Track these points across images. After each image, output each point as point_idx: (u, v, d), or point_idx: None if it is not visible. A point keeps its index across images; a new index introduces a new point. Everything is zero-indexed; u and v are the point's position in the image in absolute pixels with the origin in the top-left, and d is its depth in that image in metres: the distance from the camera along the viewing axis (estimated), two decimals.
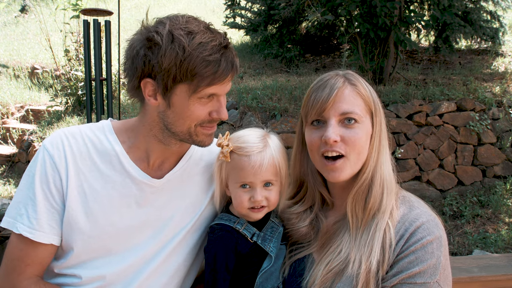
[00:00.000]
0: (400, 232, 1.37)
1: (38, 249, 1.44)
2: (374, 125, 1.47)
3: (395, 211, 1.42)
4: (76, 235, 1.45)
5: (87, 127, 1.55)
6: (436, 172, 6.37)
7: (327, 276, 1.39)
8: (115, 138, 1.52)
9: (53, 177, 1.44)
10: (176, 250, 1.58)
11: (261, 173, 1.49)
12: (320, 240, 1.51)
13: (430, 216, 1.40)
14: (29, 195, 1.43)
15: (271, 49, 9.30)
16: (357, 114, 1.42)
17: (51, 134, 1.53)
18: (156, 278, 1.55)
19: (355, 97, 1.44)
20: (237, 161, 1.50)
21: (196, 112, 1.41)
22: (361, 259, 1.35)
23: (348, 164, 1.43)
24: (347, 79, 1.47)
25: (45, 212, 1.43)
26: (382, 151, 1.48)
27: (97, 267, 1.48)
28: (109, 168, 1.49)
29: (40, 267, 1.46)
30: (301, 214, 1.58)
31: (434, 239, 1.34)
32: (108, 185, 1.48)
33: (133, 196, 1.50)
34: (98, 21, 3.76)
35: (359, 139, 1.42)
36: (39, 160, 1.46)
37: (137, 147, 1.53)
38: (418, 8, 8.30)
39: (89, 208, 1.45)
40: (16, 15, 15.68)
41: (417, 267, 1.31)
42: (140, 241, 1.52)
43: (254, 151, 1.49)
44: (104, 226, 1.47)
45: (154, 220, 1.54)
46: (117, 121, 1.61)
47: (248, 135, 1.55)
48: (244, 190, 1.51)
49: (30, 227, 1.41)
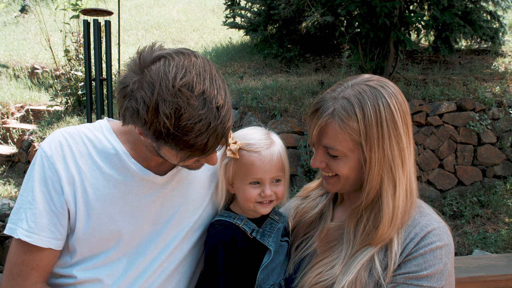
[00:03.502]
0: (410, 235, 1.37)
1: (41, 253, 1.42)
2: (369, 154, 1.36)
3: (405, 220, 1.41)
4: (79, 235, 1.45)
5: (84, 127, 1.53)
6: (436, 172, 6.37)
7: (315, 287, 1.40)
8: (114, 137, 1.50)
9: (52, 180, 1.42)
10: (177, 249, 1.58)
11: (271, 169, 1.51)
12: (322, 242, 1.51)
13: (441, 223, 1.41)
14: (29, 199, 1.41)
15: (271, 49, 9.30)
16: (337, 150, 1.39)
17: (48, 136, 1.51)
18: (157, 276, 1.55)
19: (338, 133, 1.37)
20: (246, 157, 1.51)
21: (185, 164, 1.42)
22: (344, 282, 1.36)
23: (338, 182, 1.46)
24: (335, 110, 1.37)
25: (45, 216, 1.41)
26: (390, 178, 1.37)
27: (99, 266, 1.48)
28: (110, 167, 1.47)
29: (45, 272, 1.45)
30: (318, 200, 1.64)
31: (444, 245, 1.35)
32: (110, 183, 1.47)
33: (135, 193, 1.49)
34: (98, 21, 3.76)
35: (341, 170, 1.41)
36: (37, 163, 1.43)
37: (138, 146, 1.51)
38: (418, 8, 8.31)
39: (92, 207, 1.44)
40: (16, 15, 15.67)
41: (425, 270, 1.32)
42: (143, 239, 1.53)
43: (262, 147, 1.51)
44: (107, 224, 1.46)
45: (156, 218, 1.54)
46: (114, 120, 1.60)
47: (253, 133, 1.57)
48: (253, 187, 1.53)
49: (28, 231, 1.39)
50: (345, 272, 1.37)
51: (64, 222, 1.44)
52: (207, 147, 1.28)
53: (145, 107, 1.23)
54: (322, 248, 1.50)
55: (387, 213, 1.36)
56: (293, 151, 6.12)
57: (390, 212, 1.37)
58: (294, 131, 6.26)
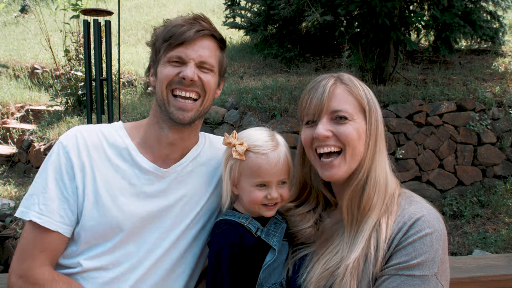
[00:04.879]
0: (399, 225, 1.37)
1: (50, 236, 1.50)
2: (368, 124, 1.47)
3: (394, 208, 1.42)
4: (86, 222, 1.52)
5: (100, 125, 1.69)
6: (436, 172, 6.37)
7: (323, 275, 1.40)
8: (125, 133, 1.66)
9: (66, 166, 1.53)
10: (180, 239, 1.63)
11: (278, 172, 1.51)
12: (321, 239, 1.52)
13: (431, 210, 1.40)
14: (43, 185, 1.52)
15: (271, 49, 9.30)
16: (347, 112, 1.43)
17: (67, 131, 1.69)
18: (160, 266, 1.59)
19: (346, 96, 1.46)
20: (253, 160, 1.51)
21: (165, 72, 1.57)
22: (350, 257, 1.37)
23: (342, 161, 1.44)
24: (339, 79, 1.49)
25: (56, 200, 1.51)
26: (378, 151, 1.47)
27: (104, 254, 1.53)
28: (120, 159, 1.60)
29: (53, 255, 1.52)
30: (304, 215, 1.60)
31: (433, 232, 1.34)
32: (118, 174, 1.58)
33: (141, 185, 1.59)
34: (98, 21, 3.76)
35: (350, 134, 1.42)
36: (54, 152, 1.56)
37: (145, 141, 1.66)
38: (418, 8, 8.30)
39: (100, 195, 1.53)
40: (16, 15, 15.68)
41: (415, 259, 1.31)
42: (147, 228, 1.58)
43: (269, 149, 1.51)
44: (113, 213, 1.53)
45: (160, 209, 1.61)
46: (128, 123, 1.74)
47: (258, 134, 1.56)
48: (260, 189, 1.53)
49: (39, 213, 1.49)
50: (351, 251, 1.38)
51: (74, 207, 1.53)
52: (183, 29, 1.54)
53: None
54: (322, 244, 1.50)
55: (374, 179, 1.44)
56: (293, 151, 6.08)
57: (375, 179, 1.44)
58: (294, 131, 6.26)
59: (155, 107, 1.65)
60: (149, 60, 1.69)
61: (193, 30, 1.55)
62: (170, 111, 1.58)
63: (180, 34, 1.54)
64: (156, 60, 1.62)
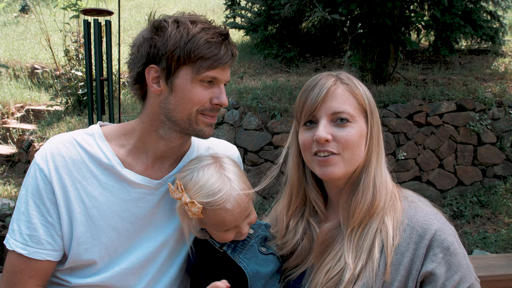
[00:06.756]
0: (413, 237, 1.32)
1: (38, 264, 1.41)
2: (370, 125, 1.42)
3: (397, 207, 1.39)
4: (77, 243, 1.43)
5: (76, 133, 1.50)
6: (436, 172, 6.37)
7: (328, 285, 1.34)
8: (106, 145, 1.48)
9: (46, 191, 1.40)
10: (173, 254, 1.57)
11: (241, 214, 1.44)
12: (318, 249, 1.46)
13: (440, 218, 1.37)
14: (22, 211, 1.41)
15: (271, 49, 9.30)
16: (348, 113, 1.38)
17: (41, 147, 1.49)
18: (156, 282, 1.55)
19: (347, 96, 1.40)
20: (213, 215, 1.42)
21: (198, 95, 1.41)
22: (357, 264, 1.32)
23: (341, 160, 1.38)
24: (339, 78, 1.44)
25: (41, 228, 1.40)
26: (378, 152, 1.44)
27: (96, 273, 1.46)
28: (105, 175, 1.46)
29: (44, 278, 1.44)
30: (294, 228, 1.53)
31: (455, 241, 1.32)
32: (106, 191, 1.45)
33: (132, 200, 1.48)
34: (99, 21, 3.76)
35: (351, 138, 1.37)
36: (31, 175, 1.43)
37: (137, 149, 1.51)
38: (418, 8, 8.31)
39: (89, 216, 1.43)
40: (16, 15, 15.69)
41: (456, 275, 1.27)
42: (141, 244, 1.52)
43: (224, 200, 1.40)
44: (106, 232, 1.45)
45: (155, 220, 1.54)
46: (109, 125, 1.58)
47: (206, 181, 1.42)
48: (229, 232, 1.48)
49: (23, 243, 1.39)
50: (355, 257, 1.33)
51: (60, 232, 1.42)
52: (222, 51, 1.41)
53: (165, 22, 1.45)
54: (320, 253, 1.44)
55: (374, 180, 1.41)
56: None
57: (376, 180, 1.41)
58: None
59: (159, 117, 1.46)
60: (145, 61, 1.45)
61: (229, 53, 1.45)
62: (199, 128, 1.45)
63: (220, 57, 1.40)
64: (170, 70, 1.40)
